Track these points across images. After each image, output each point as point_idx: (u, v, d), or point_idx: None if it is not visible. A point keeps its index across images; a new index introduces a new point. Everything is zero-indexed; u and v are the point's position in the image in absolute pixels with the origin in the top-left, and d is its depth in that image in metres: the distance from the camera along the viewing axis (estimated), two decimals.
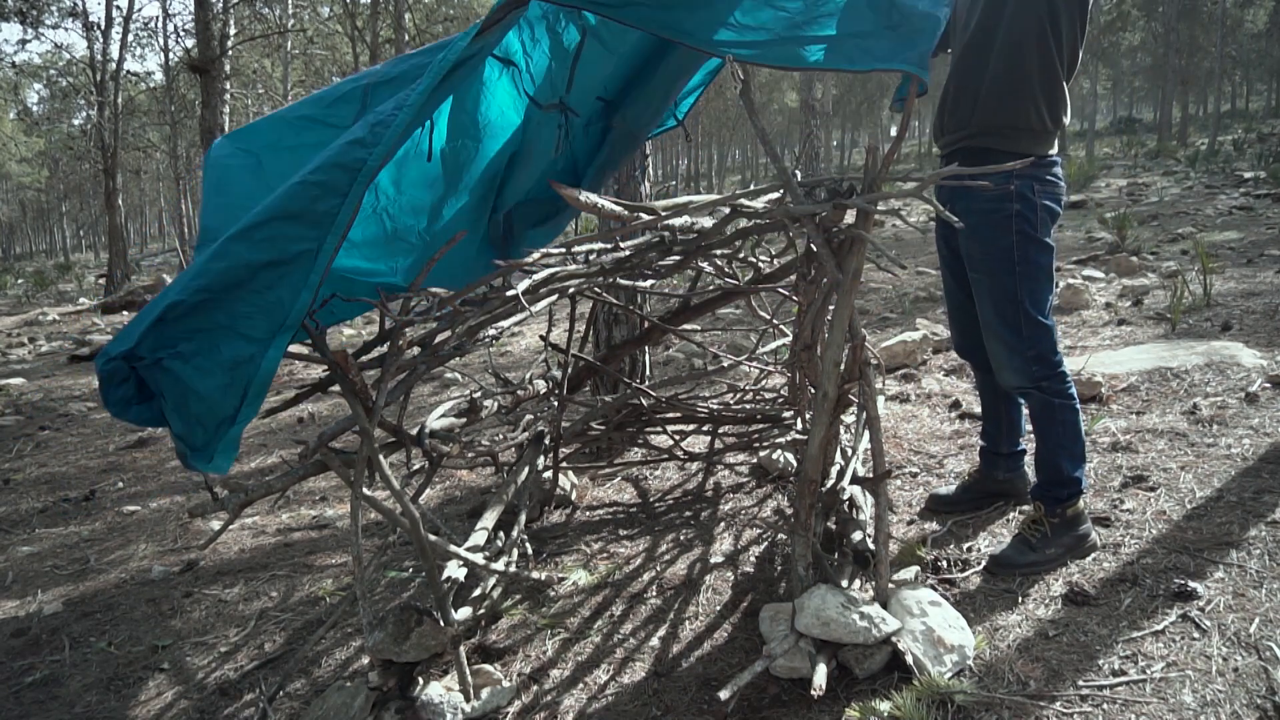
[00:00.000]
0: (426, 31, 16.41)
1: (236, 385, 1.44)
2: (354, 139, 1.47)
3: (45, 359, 8.59)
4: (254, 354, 1.44)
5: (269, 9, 17.30)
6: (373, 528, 3.20)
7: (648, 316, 3.46)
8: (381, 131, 1.47)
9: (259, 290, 1.43)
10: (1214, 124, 26.20)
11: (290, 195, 1.43)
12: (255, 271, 1.42)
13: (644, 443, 3.45)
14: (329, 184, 1.44)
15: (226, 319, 1.43)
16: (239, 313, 1.43)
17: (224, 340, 1.43)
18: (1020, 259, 2.15)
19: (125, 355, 1.39)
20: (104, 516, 3.75)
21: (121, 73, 15.52)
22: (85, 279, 20.17)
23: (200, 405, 1.44)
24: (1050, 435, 2.24)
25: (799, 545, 1.96)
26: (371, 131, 1.47)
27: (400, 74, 1.87)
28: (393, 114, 1.49)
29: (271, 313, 1.45)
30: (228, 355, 1.43)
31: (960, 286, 2.43)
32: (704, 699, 1.88)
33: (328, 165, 1.45)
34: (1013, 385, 2.28)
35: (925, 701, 1.67)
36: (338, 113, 1.90)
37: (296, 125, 1.92)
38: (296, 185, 1.44)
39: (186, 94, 19.86)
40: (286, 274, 1.44)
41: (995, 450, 2.60)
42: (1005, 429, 2.58)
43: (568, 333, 3.14)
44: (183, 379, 1.42)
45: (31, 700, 2.24)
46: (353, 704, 1.85)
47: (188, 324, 1.41)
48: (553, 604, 2.42)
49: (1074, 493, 2.24)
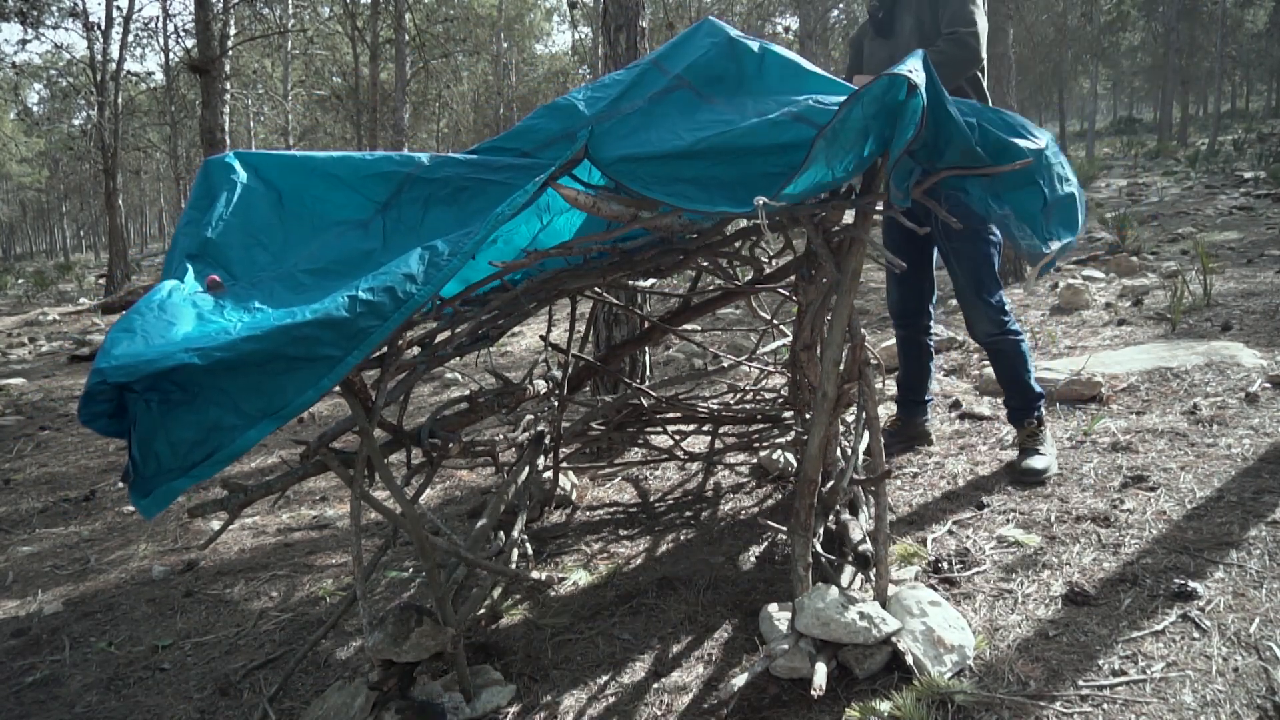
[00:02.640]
0: (426, 31, 16.40)
1: (205, 445, 1.45)
2: (409, 273, 1.55)
3: (45, 359, 8.59)
4: (235, 426, 1.45)
5: (269, 9, 17.30)
6: (373, 528, 3.20)
7: (648, 316, 3.46)
8: (433, 273, 1.56)
9: (271, 374, 1.46)
10: (1214, 124, 26.17)
11: (339, 305, 1.48)
12: (276, 358, 1.45)
13: (644, 443, 3.45)
14: (376, 306, 1.50)
15: (227, 387, 1.44)
16: (241, 385, 1.45)
17: (214, 404, 1.44)
18: (992, 229, 2.68)
19: (120, 385, 1.39)
20: (104, 516, 3.75)
21: (121, 73, 15.52)
22: (85, 279, 20.17)
23: (164, 447, 1.45)
24: (1017, 367, 2.84)
25: (799, 545, 1.96)
26: (425, 272, 1.56)
27: (443, 179, 1.89)
28: (448, 259, 1.58)
29: (271, 397, 1.46)
30: (212, 418, 1.44)
31: (913, 258, 2.85)
32: (704, 699, 1.88)
33: (380, 289, 1.51)
34: (987, 334, 2.81)
35: (925, 702, 1.67)
36: (370, 188, 1.92)
37: (326, 181, 1.92)
38: (348, 298, 1.49)
39: (186, 94, 19.86)
40: (302, 369, 1.47)
41: (918, 399, 3.24)
42: (924, 380, 3.23)
43: (568, 333, 3.14)
44: (162, 420, 1.43)
45: (31, 700, 2.24)
46: (353, 704, 1.85)
47: (191, 378, 1.41)
48: (553, 604, 2.42)
49: (1040, 401, 2.88)
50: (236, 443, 1.45)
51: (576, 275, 2.42)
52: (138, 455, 1.45)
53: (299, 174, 1.93)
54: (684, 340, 5.05)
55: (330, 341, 1.47)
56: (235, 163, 1.90)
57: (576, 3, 9.55)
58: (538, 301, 2.49)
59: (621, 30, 3.89)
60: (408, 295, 1.52)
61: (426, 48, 16.46)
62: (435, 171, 1.91)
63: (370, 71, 15.97)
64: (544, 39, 31.11)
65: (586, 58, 24.69)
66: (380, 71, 16.59)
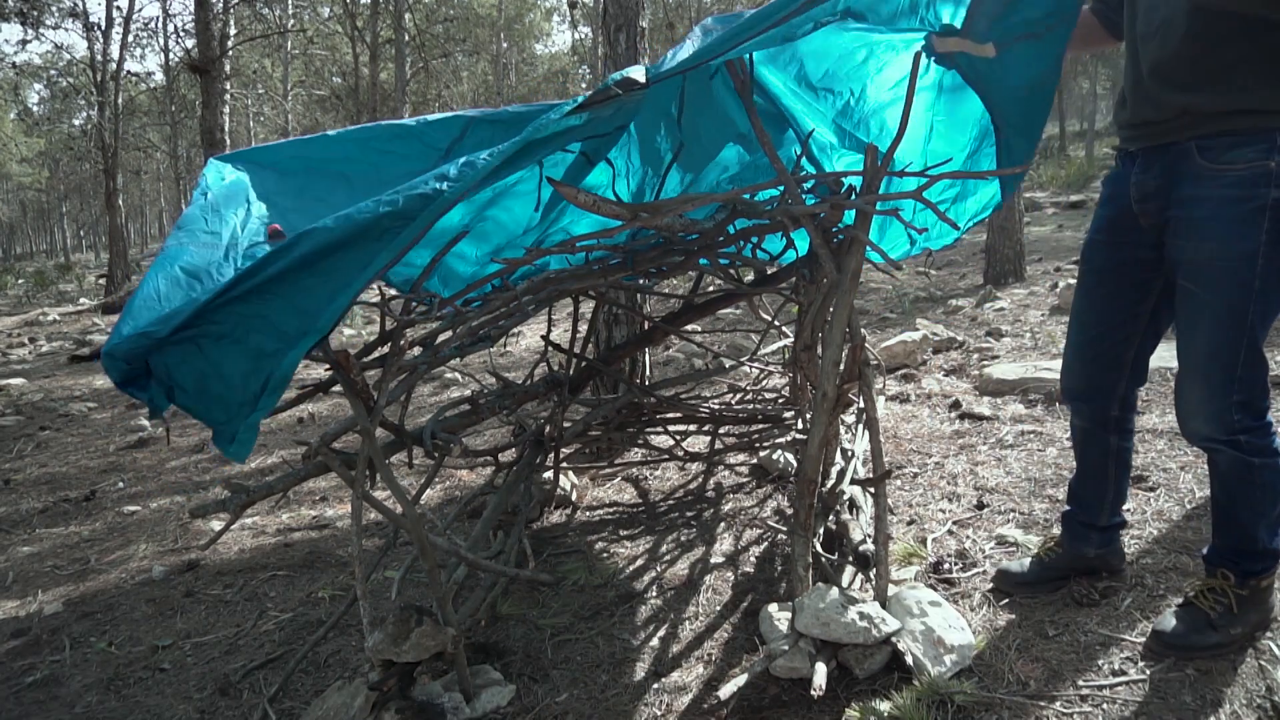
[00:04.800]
0: (426, 31, 16.41)
1: (259, 374, 1.47)
2: (442, 173, 1.50)
3: (46, 359, 8.59)
4: (278, 349, 1.46)
5: (269, 9, 17.30)
6: (373, 528, 3.21)
7: (649, 317, 3.47)
8: (468, 171, 1.50)
9: (303, 289, 1.45)
10: None
11: (361, 211, 1.45)
12: (307, 270, 1.45)
13: (644, 443, 3.45)
14: (400, 208, 1.46)
15: (263, 311, 1.45)
16: (276, 306, 1.45)
17: (256, 330, 1.46)
18: (1264, 269, 1.63)
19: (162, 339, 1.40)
20: (104, 516, 3.75)
21: (121, 73, 15.51)
22: (85, 279, 20.17)
23: (222, 386, 1.46)
24: (1244, 499, 1.78)
25: (799, 545, 1.96)
26: (459, 170, 1.50)
27: (504, 120, 1.92)
28: (484, 159, 1.52)
29: (305, 311, 1.47)
30: (254, 345, 1.46)
31: (1116, 307, 1.93)
32: (704, 699, 1.88)
33: (403, 189, 1.48)
34: (1201, 436, 1.78)
35: (925, 702, 1.68)
36: (432, 134, 1.95)
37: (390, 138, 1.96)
38: (373, 202, 1.45)
39: (186, 94, 19.86)
40: (332, 277, 1.47)
41: (1091, 522, 2.08)
42: (1111, 496, 2.07)
43: (570, 332, 3.14)
44: (211, 358, 1.45)
45: (31, 700, 2.24)
46: (353, 704, 1.85)
47: (229, 309, 1.43)
48: (553, 604, 2.42)
49: (1270, 566, 1.82)
50: (283, 364, 1.46)
51: (577, 275, 2.43)
52: (199, 408, 1.47)
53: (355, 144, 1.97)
54: (685, 340, 5.05)
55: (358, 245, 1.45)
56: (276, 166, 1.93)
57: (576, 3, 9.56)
58: (538, 302, 2.49)
59: (621, 30, 3.89)
60: (436, 193, 1.46)
61: (426, 48, 16.47)
62: (497, 115, 1.94)
63: (370, 71, 15.98)
64: (544, 39, 31.12)
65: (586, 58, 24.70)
66: (380, 71, 16.60)
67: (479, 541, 2.35)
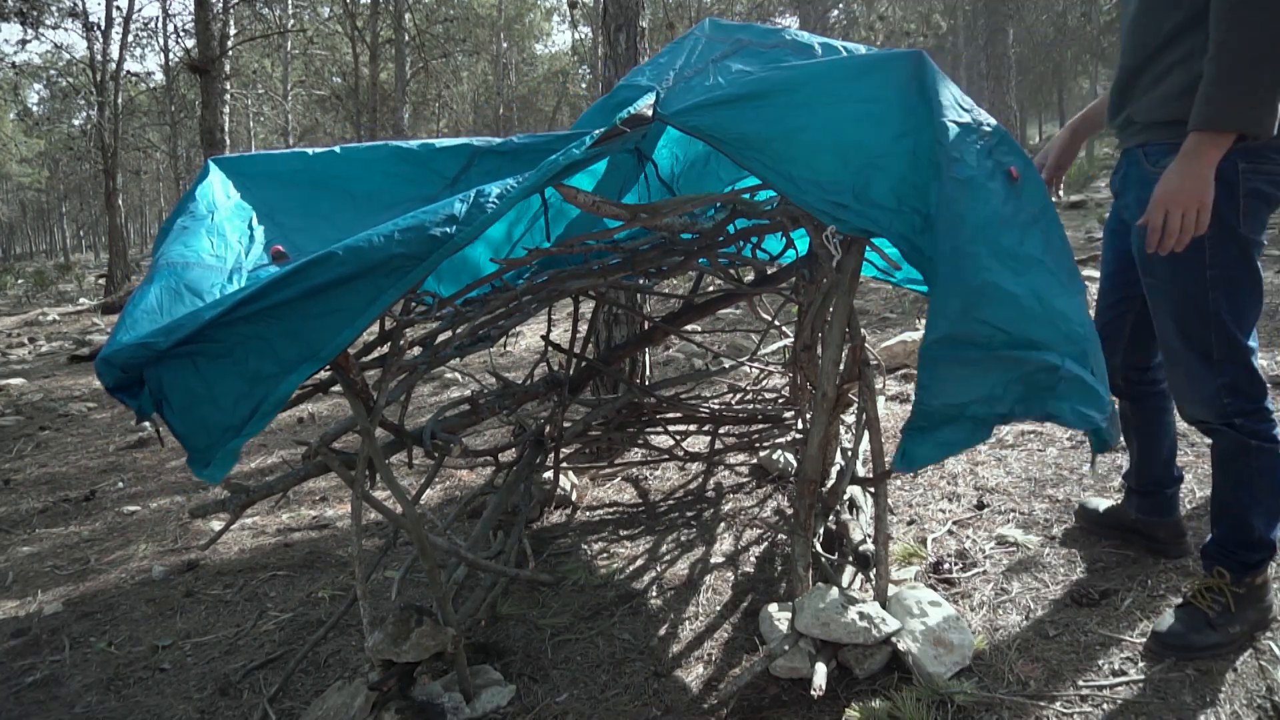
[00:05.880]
0: (426, 31, 16.41)
1: (251, 399, 1.45)
2: (451, 214, 1.50)
3: (45, 359, 8.59)
4: (276, 374, 1.45)
5: (269, 9, 17.30)
6: (373, 528, 3.21)
7: (649, 317, 3.46)
8: (476, 214, 1.51)
9: (308, 317, 1.44)
10: None
11: (374, 246, 1.45)
12: (314, 298, 1.44)
13: (644, 443, 3.45)
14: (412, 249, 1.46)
15: (266, 334, 1.44)
16: (279, 331, 1.44)
17: (255, 352, 1.44)
18: (1215, 258, 1.69)
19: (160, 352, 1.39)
20: (104, 516, 3.75)
21: (121, 73, 15.50)
22: (85, 279, 20.17)
23: (210, 409, 1.44)
24: (1241, 485, 1.80)
25: (799, 545, 1.96)
26: (468, 212, 1.51)
27: (510, 151, 1.91)
28: (495, 200, 1.53)
29: (308, 340, 1.46)
30: (252, 368, 1.44)
31: (1113, 285, 2.07)
32: (704, 699, 1.88)
33: (415, 227, 1.47)
34: (1196, 419, 1.84)
35: (925, 702, 1.68)
36: (439, 162, 1.94)
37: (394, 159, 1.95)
38: (384, 237, 1.45)
39: (186, 94, 19.85)
40: (339, 310, 1.46)
41: (1128, 485, 2.26)
42: (1135, 460, 2.23)
43: (570, 332, 3.14)
44: (206, 377, 1.43)
45: (31, 700, 2.24)
46: (353, 704, 1.85)
47: (232, 328, 1.42)
48: (553, 604, 2.42)
49: (1266, 557, 1.82)
50: (278, 390, 1.45)
51: (577, 275, 2.43)
52: (183, 429, 1.45)
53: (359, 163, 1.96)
54: (685, 340, 5.05)
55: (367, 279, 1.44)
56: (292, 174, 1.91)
57: (576, 3, 9.56)
58: (538, 302, 2.49)
59: (621, 30, 3.89)
60: (446, 236, 1.47)
61: (426, 48, 16.46)
62: (503, 146, 1.93)
63: (370, 71, 15.98)
64: (544, 39, 31.09)
65: (586, 58, 24.70)
66: (380, 71, 16.60)
67: (479, 541, 2.35)
